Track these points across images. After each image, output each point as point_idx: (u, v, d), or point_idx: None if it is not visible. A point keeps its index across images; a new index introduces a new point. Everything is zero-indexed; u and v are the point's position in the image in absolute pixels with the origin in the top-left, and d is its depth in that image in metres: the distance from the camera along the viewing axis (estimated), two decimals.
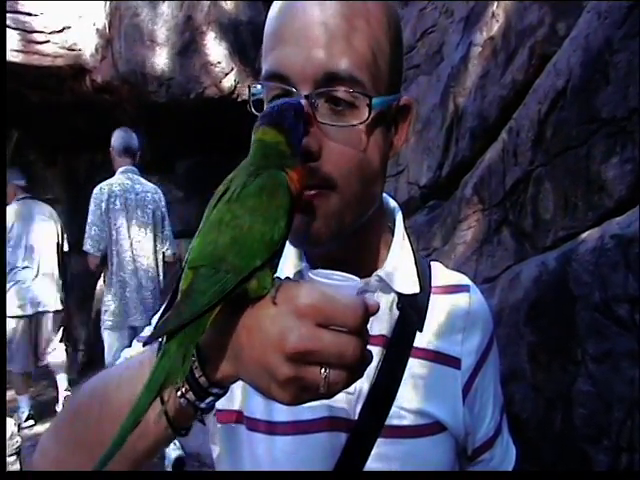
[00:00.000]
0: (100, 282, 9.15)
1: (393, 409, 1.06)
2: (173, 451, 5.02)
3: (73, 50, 7.39)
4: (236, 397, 1.06)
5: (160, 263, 5.62)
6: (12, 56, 6.97)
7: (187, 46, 6.97)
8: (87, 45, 7.44)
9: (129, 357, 1.07)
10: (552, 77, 2.72)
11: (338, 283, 0.77)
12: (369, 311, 0.75)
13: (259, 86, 1.03)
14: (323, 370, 0.72)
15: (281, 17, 1.01)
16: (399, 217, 1.21)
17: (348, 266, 1.06)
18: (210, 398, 0.81)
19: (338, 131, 0.97)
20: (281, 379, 0.73)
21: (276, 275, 0.80)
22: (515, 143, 2.93)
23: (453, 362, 1.14)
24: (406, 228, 1.21)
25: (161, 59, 6.97)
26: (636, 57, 2.22)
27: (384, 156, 1.06)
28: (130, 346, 1.14)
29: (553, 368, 2.36)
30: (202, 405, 0.81)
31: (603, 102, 2.35)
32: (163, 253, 5.64)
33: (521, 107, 3.00)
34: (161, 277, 5.62)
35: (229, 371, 0.79)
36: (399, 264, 1.14)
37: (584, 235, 2.33)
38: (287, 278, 0.80)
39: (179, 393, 0.80)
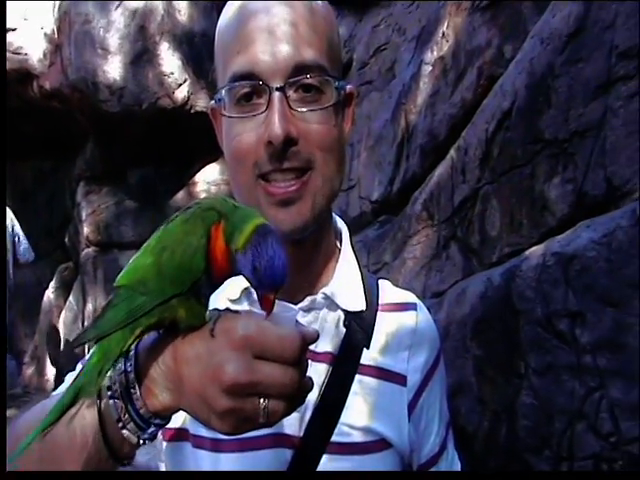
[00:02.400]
0: (47, 293, 8.99)
1: (339, 426, 1.08)
2: None
3: (19, 54, 7.23)
4: (182, 415, 1.07)
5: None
6: None
7: (140, 55, 6.91)
8: (34, 50, 7.27)
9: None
10: (499, 98, 2.81)
11: (276, 311, 0.78)
12: (306, 341, 0.77)
13: (223, 91, 1.07)
14: (262, 401, 0.74)
15: (239, 21, 1.06)
16: (346, 235, 1.24)
17: (296, 284, 1.10)
18: (152, 428, 0.82)
19: (311, 114, 1.04)
20: (220, 411, 0.75)
21: (214, 307, 0.83)
22: (463, 161, 3.01)
23: (399, 379, 1.16)
24: (353, 246, 1.24)
25: (113, 68, 6.89)
26: (576, 82, 2.31)
27: (344, 137, 1.12)
28: (74, 369, 1.13)
29: (498, 381, 2.43)
30: (144, 435, 0.82)
31: (546, 124, 2.44)
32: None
33: (469, 126, 3.08)
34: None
35: (170, 402, 0.80)
36: (345, 282, 1.16)
37: (527, 252, 2.41)
38: (227, 309, 0.83)
39: (120, 424, 0.80)
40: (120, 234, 7.55)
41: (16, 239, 6.18)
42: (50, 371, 8.70)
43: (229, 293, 1.10)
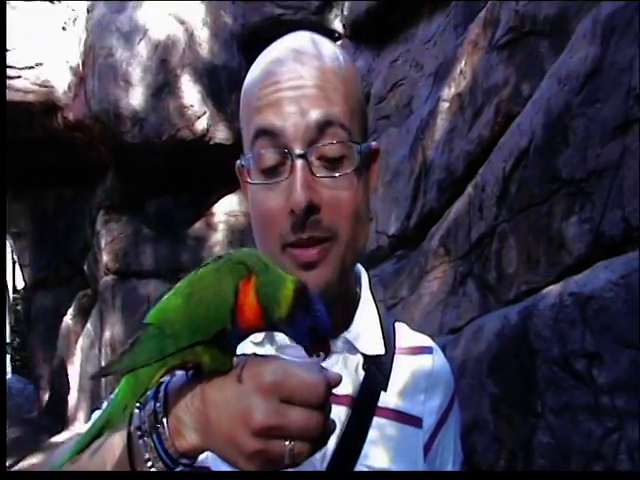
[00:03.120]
0: (66, 319, 9.05)
1: (357, 467, 1.10)
2: None
3: (45, 87, 7.38)
4: (206, 454, 1.09)
5: None
6: None
7: (161, 88, 7.02)
8: (59, 82, 7.42)
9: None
10: (516, 136, 2.83)
11: (301, 360, 0.81)
12: (331, 386, 0.80)
13: (249, 156, 1.08)
14: (288, 443, 0.76)
15: (265, 79, 1.06)
16: (365, 280, 1.25)
17: None
18: (179, 468, 0.84)
19: (333, 181, 1.03)
20: (248, 453, 0.77)
21: (241, 352, 0.85)
22: (481, 198, 3.03)
23: (415, 421, 1.18)
24: (372, 290, 1.26)
25: (134, 100, 7.00)
26: (593, 123, 2.34)
27: (367, 200, 1.13)
28: (100, 409, 1.16)
29: (514, 419, 2.42)
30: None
31: (563, 163, 2.46)
32: None
33: (486, 163, 3.11)
34: None
35: (197, 443, 0.82)
36: (365, 326, 1.18)
37: (545, 291, 2.41)
38: (254, 354, 0.85)
39: (149, 463, 0.82)
40: (138, 263, 7.61)
41: None
42: (67, 396, 8.72)
43: (252, 336, 1.12)
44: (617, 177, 2.22)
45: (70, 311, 9.06)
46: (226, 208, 7.40)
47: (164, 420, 0.82)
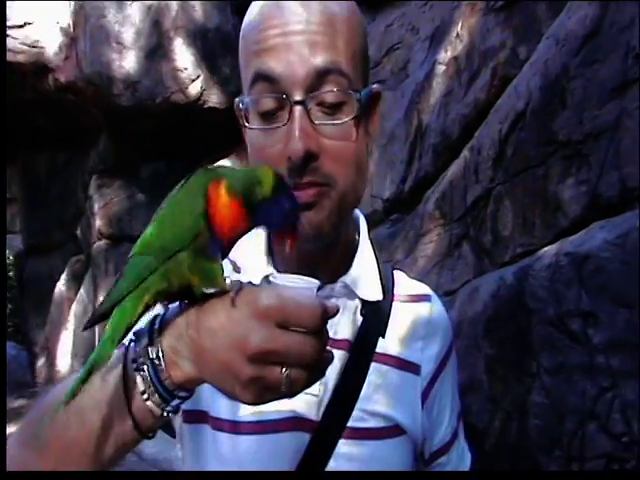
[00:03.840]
0: (59, 285, 9.05)
1: (355, 412, 1.11)
2: None
3: (35, 47, 7.27)
4: (202, 397, 1.08)
5: None
6: None
7: (154, 50, 6.94)
8: (50, 42, 7.31)
9: None
10: (513, 99, 2.82)
11: (297, 285, 0.81)
12: (327, 312, 0.79)
13: (247, 99, 1.07)
14: (284, 370, 0.76)
15: (263, 22, 1.04)
16: (363, 227, 1.25)
17: (315, 271, 1.12)
18: (176, 401, 0.84)
19: (332, 129, 1.02)
20: (244, 379, 0.76)
21: (237, 279, 0.85)
22: (476, 161, 3.02)
23: (413, 368, 1.19)
24: (370, 237, 1.26)
25: (127, 62, 6.93)
26: (590, 84, 2.33)
27: (367, 144, 1.12)
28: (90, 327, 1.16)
29: (509, 380, 2.45)
30: (168, 408, 0.83)
31: (560, 125, 2.45)
32: None
33: (483, 126, 3.10)
34: None
35: (193, 373, 0.82)
36: (363, 271, 1.19)
37: (540, 252, 2.42)
38: (249, 282, 0.84)
39: (145, 396, 0.82)
40: (131, 227, 7.59)
41: None
42: (61, 362, 8.76)
43: (249, 279, 1.13)
44: (614, 138, 2.22)
45: (63, 277, 9.06)
46: None
47: (159, 351, 0.82)
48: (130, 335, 0.84)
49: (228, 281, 0.83)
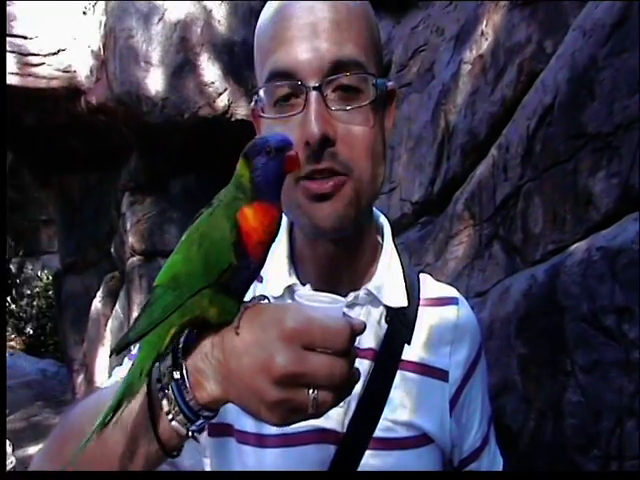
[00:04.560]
0: (95, 302, 9.16)
1: (381, 422, 1.09)
2: None
3: (68, 72, 7.44)
4: (227, 411, 1.06)
5: None
6: (7, 79, 7.04)
7: (181, 66, 7.02)
8: (82, 67, 7.49)
9: (117, 377, 1.09)
10: (540, 93, 2.77)
11: (324, 305, 0.79)
12: (355, 332, 0.77)
13: (261, 92, 1.07)
14: (311, 392, 0.74)
15: (278, 20, 1.05)
16: (387, 231, 1.23)
17: (339, 279, 1.12)
18: (200, 420, 0.83)
19: (349, 114, 1.02)
20: (270, 402, 0.75)
21: (260, 294, 0.85)
22: (505, 159, 2.97)
23: (441, 375, 1.16)
24: (395, 242, 1.23)
25: (155, 80, 7.02)
26: (620, 74, 2.26)
27: (384, 135, 1.10)
28: (122, 364, 1.15)
29: (543, 379, 2.38)
30: (192, 427, 0.83)
31: (589, 118, 2.39)
32: None
33: (510, 123, 3.05)
34: None
35: (219, 394, 0.81)
36: (388, 278, 1.16)
37: (572, 248, 2.36)
38: (261, 296, 0.84)
39: (170, 416, 0.82)
40: (164, 243, 7.67)
41: None
42: (98, 377, 8.85)
43: (272, 290, 1.11)
44: None
45: (99, 294, 9.18)
46: None
47: (184, 372, 0.81)
48: None
49: (249, 297, 0.84)
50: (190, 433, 0.83)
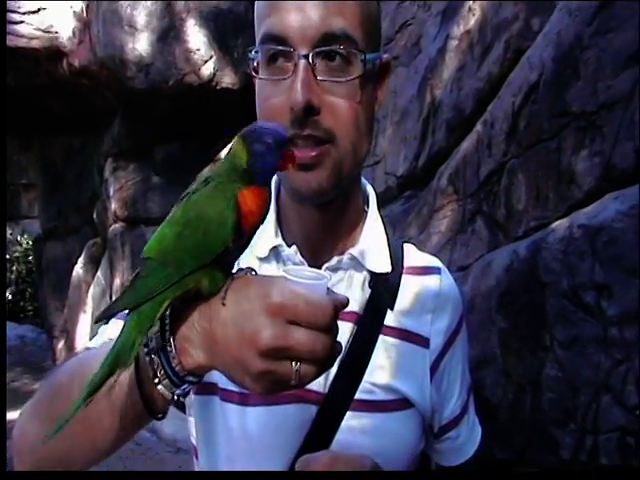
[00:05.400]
0: (76, 268, 9.12)
1: (363, 384, 1.12)
2: None
3: (49, 32, 7.32)
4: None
5: None
6: None
7: (167, 32, 6.93)
8: (64, 28, 7.36)
9: (104, 336, 1.11)
10: (526, 71, 2.78)
11: (309, 282, 0.81)
12: (338, 308, 0.81)
13: (254, 51, 1.09)
14: (294, 364, 0.78)
15: None
16: (373, 200, 1.26)
17: (323, 244, 1.14)
18: (185, 385, 0.86)
19: (336, 86, 1.05)
20: (254, 373, 0.78)
21: (247, 266, 0.88)
22: (489, 135, 2.99)
23: (422, 341, 1.19)
24: (380, 211, 1.26)
25: (140, 44, 6.92)
26: (605, 54, 2.28)
27: (373, 109, 1.13)
28: (107, 323, 1.18)
29: (523, 354, 2.44)
30: (177, 392, 0.86)
31: (574, 96, 2.41)
32: None
33: (496, 99, 3.06)
34: None
35: (204, 361, 0.84)
36: (372, 244, 1.19)
37: (554, 225, 2.40)
38: (248, 268, 0.86)
39: (156, 380, 0.85)
40: (147, 210, 7.64)
41: None
42: (79, 344, 8.86)
43: (258, 251, 1.14)
44: (629, 108, 2.18)
45: (80, 260, 9.15)
46: None
47: (171, 338, 0.84)
48: None
49: (236, 268, 0.86)
50: (175, 397, 0.86)
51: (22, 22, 7.20)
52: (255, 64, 1.10)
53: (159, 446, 5.54)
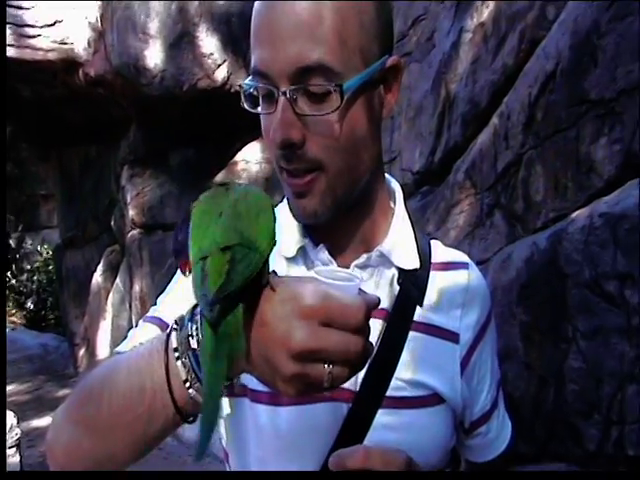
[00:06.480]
0: (95, 276, 9.19)
1: (393, 381, 1.10)
2: None
3: (65, 44, 7.40)
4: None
5: None
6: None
7: (179, 38, 6.96)
8: (79, 38, 7.45)
9: (134, 340, 1.10)
10: (542, 60, 2.75)
11: (341, 283, 0.81)
12: (370, 309, 0.79)
13: (248, 81, 1.08)
14: (327, 366, 0.76)
15: (258, 17, 1.05)
16: (399, 196, 1.25)
17: (349, 244, 1.13)
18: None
19: (316, 119, 1.02)
20: (286, 375, 0.77)
21: (273, 268, 0.85)
22: (506, 127, 2.96)
23: (452, 336, 1.17)
24: (407, 207, 1.24)
25: (154, 51, 6.96)
26: (623, 39, 2.25)
27: (371, 124, 1.10)
28: (137, 326, 1.16)
29: (545, 346, 2.40)
30: None
31: (592, 84, 2.38)
32: None
33: (511, 91, 3.03)
34: None
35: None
36: (400, 240, 1.17)
37: (574, 215, 2.36)
38: (273, 272, 0.84)
39: (187, 384, 0.83)
40: (163, 216, 7.67)
41: None
42: (100, 351, 8.91)
43: (285, 251, 1.13)
44: None
45: (99, 268, 9.22)
46: (249, 156, 7.39)
47: (201, 341, 0.81)
48: (172, 323, 0.86)
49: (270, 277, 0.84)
50: None
51: (39, 35, 7.29)
52: (253, 93, 1.09)
53: (180, 450, 5.55)
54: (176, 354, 0.83)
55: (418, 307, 1.15)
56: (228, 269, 0.78)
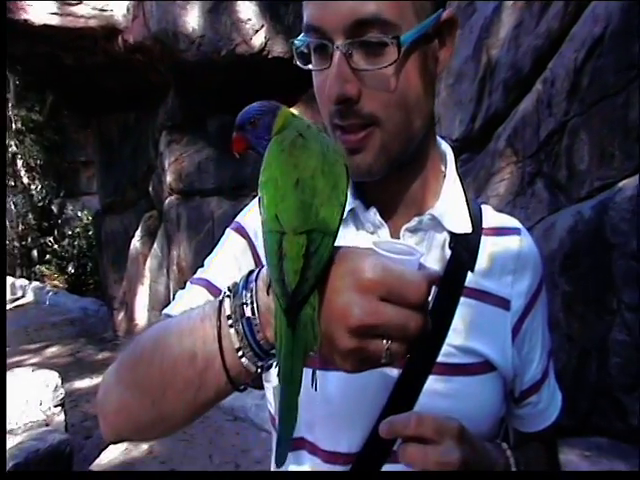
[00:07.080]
0: (134, 241, 9.30)
1: (445, 347, 1.07)
2: None
3: (105, 11, 7.42)
4: None
5: None
6: (46, 19, 7.04)
7: (217, 4, 6.90)
8: (119, 5, 7.46)
9: (183, 302, 1.10)
10: (590, 24, 2.66)
11: (402, 257, 0.78)
12: (431, 284, 0.76)
13: (300, 38, 1.06)
14: (385, 342, 0.74)
15: None
16: (451, 159, 1.21)
17: (400, 207, 1.11)
18: (269, 358, 0.83)
19: (372, 74, 0.99)
20: (344, 350, 0.75)
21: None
22: (550, 93, 2.88)
23: (503, 303, 1.14)
24: (458, 171, 1.21)
25: (192, 17, 6.93)
26: None
27: (427, 79, 1.07)
28: (184, 288, 1.15)
29: (588, 318, 2.36)
30: (262, 364, 0.83)
31: None
32: None
33: (556, 56, 2.95)
34: None
35: None
36: (451, 204, 1.14)
37: (620, 184, 2.30)
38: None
39: (240, 353, 0.82)
40: (201, 182, 7.69)
41: None
42: (138, 315, 9.04)
43: None
44: None
45: (138, 233, 9.30)
46: None
47: (255, 310, 0.81)
48: (225, 290, 0.84)
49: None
50: (259, 369, 0.83)
51: (80, 3, 7.32)
52: (304, 51, 1.07)
53: (217, 414, 5.63)
54: (229, 321, 0.82)
55: (469, 272, 1.12)
56: (304, 264, 0.76)
